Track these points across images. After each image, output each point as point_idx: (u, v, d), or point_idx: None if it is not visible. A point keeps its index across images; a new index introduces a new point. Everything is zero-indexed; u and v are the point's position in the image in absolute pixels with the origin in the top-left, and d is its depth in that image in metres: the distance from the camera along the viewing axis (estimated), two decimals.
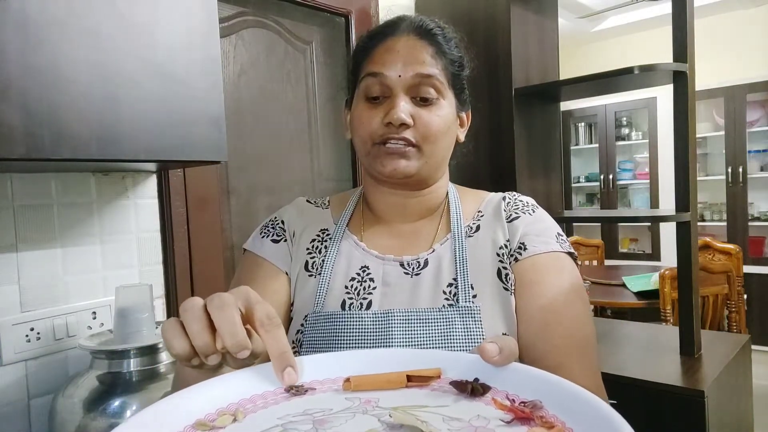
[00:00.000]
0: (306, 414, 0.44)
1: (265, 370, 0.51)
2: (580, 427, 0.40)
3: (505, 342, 0.50)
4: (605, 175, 4.85)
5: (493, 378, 0.48)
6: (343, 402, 0.47)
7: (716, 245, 3.10)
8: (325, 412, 0.45)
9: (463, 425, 0.42)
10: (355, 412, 0.45)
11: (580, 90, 1.84)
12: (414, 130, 0.74)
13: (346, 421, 0.43)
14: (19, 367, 1.05)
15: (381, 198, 0.83)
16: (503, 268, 0.76)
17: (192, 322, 0.48)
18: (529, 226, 0.79)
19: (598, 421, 0.38)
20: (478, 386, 0.47)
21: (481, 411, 0.44)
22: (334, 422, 0.43)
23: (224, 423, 0.43)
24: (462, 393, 0.47)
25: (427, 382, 0.50)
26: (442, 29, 0.79)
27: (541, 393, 0.44)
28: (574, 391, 0.43)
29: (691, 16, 1.49)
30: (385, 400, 0.47)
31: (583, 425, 0.40)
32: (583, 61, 4.78)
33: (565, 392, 0.44)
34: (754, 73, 4.15)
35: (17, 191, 1.05)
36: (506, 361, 0.50)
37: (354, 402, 0.47)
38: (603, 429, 0.37)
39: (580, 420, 0.40)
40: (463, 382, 0.48)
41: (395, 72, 0.74)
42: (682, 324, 1.53)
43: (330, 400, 0.47)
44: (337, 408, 0.45)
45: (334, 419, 0.43)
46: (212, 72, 0.96)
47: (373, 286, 0.76)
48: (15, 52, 0.73)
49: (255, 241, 0.83)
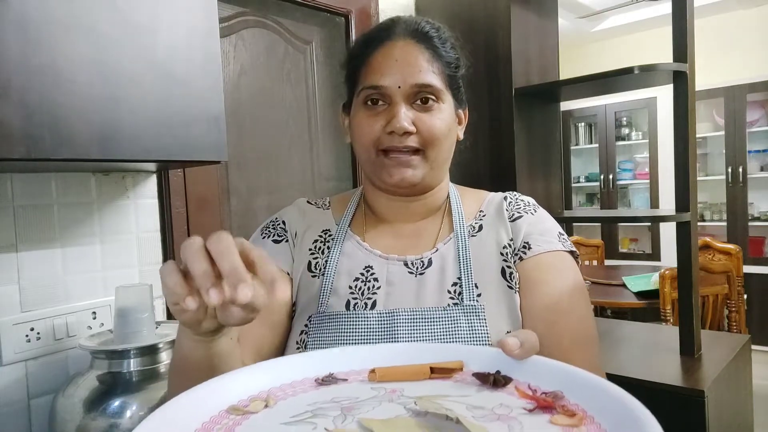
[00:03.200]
0: (334, 402, 0.46)
1: (293, 361, 0.53)
2: (601, 415, 0.40)
3: (526, 336, 0.51)
4: (605, 175, 4.85)
5: (514, 370, 0.50)
6: (369, 391, 0.48)
7: (716, 245, 3.10)
8: (352, 400, 0.46)
9: (487, 413, 0.43)
10: (381, 400, 0.46)
11: (580, 90, 1.84)
12: (417, 136, 0.75)
13: (373, 408, 0.44)
14: (19, 367, 1.05)
15: (381, 201, 0.84)
16: (507, 266, 0.77)
17: (190, 253, 0.47)
18: (532, 226, 0.79)
19: (619, 409, 0.39)
20: (500, 378, 0.48)
21: (503, 400, 0.45)
22: (362, 409, 0.44)
23: (257, 408, 0.45)
24: (484, 384, 0.49)
25: (449, 374, 0.52)
26: (438, 31, 0.80)
27: (562, 384, 0.46)
28: (594, 381, 0.44)
29: (691, 16, 1.49)
30: (409, 390, 0.48)
31: (604, 413, 0.40)
32: (583, 61, 4.78)
33: (585, 382, 0.45)
34: (754, 73, 4.14)
35: (17, 191, 1.05)
36: (527, 355, 0.51)
37: (380, 391, 0.48)
38: (624, 417, 0.38)
39: (601, 408, 0.41)
40: (486, 373, 0.49)
41: (394, 83, 0.75)
42: (682, 324, 1.53)
43: (356, 389, 0.49)
44: (364, 396, 0.47)
45: (362, 406, 0.45)
46: (212, 72, 0.96)
47: (377, 286, 0.77)
48: (15, 51, 0.73)
49: (255, 242, 0.83)
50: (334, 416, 0.43)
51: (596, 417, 0.41)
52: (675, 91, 1.52)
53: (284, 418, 0.43)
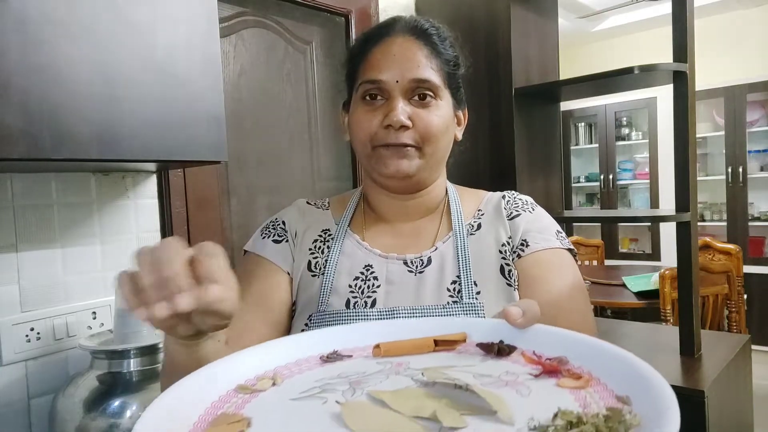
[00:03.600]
0: (341, 377, 0.46)
1: (298, 340, 0.54)
2: (607, 376, 0.41)
3: (527, 305, 0.52)
4: (605, 175, 4.84)
5: (517, 339, 0.50)
6: (375, 366, 0.49)
7: (716, 245, 3.10)
8: (359, 375, 0.47)
9: (494, 380, 0.43)
10: (388, 374, 0.47)
11: (580, 90, 1.84)
12: (413, 131, 0.75)
13: (381, 381, 0.45)
14: (19, 367, 1.05)
15: (381, 199, 0.84)
16: (506, 264, 0.77)
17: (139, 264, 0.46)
18: (530, 224, 0.80)
19: (624, 369, 0.40)
20: (504, 347, 0.49)
21: (509, 368, 0.46)
22: (370, 382, 0.45)
23: (264, 386, 0.45)
24: (489, 354, 0.49)
25: (453, 346, 0.52)
26: (437, 29, 0.80)
27: (565, 350, 0.46)
28: (597, 345, 0.45)
29: (691, 16, 1.49)
30: (415, 363, 0.49)
31: (609, 374, 0.41)
32: (583, 61, 4.78)
33: (588, 347, 0.45)
34: (754, 73, 4.14)
35: (17, 191, 1.05)
36: (530, 323, 0.51)
37: (386, 365, 0.49)
38: (629, 376, 0.39)
39: (606, 370, 0.42)
40: (490, 343, 0.50)
41: (392, 77, 0.75)
42: (682, 324, 1.53)
43: (362, 364, 0.49)
44: (371, 371, 0.47)
45: (369, 380, 0.45)
46: (212, 72, 0.96)
47: (377, 285, 0.77)
48: (15, 51, 0.73)
49: (256, 242, 0.83)
50: (343, 390, 0.43)
51: (602, 378, 0.41)
52: (675, 91, 1.52)
53: (293, 394, 0.44)
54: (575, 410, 0.36)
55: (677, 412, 0.32)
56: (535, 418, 0.36)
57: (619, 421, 0.34)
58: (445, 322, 0.56)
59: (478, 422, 0.37)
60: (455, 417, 0.37)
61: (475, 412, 0.38)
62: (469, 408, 0.38)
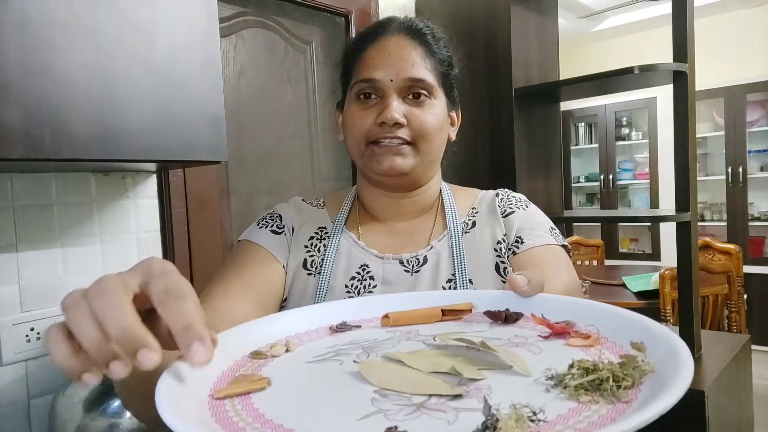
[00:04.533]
0: (353, 343, 0.47)
1: (309, 312, 0.54)
2: (615, 335, 0.42)
3: (532, 274, 0.52)
4: (605, 175, 4.85)
5: (523, 307, 0.51)
6: (385, 334, 0.50)
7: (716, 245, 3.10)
8: (371, 341, 0.47)
9: (504, 342, 0.44)
10: (399, 339, 0.48)
11: (580, 90, 1.84)
12: (408, 129, 0.75)
13: (393, 346, 0.46)
14: (19, 367, 1.05)
15: (375, 198, 0.84)
16: (501, 262, 0.78)
17: (71, 316, 0.35)
18: (525, 221, 0.80)
19: (631, 325, 0.41)
20: (512, 314, 0.50)
21: (518, 332, 0.47)
22: (382, 347, 0.45)
23: (278, 352, 0.46)
24: (496, 321, 0.50)
25: (460, 315, 0.54)
26: (431, 29, 0.80)
27: (571, 314, 0.47)
28: (602, 307, 0.46)
29: (691, 16, 1.49)
30: (424, 330, 0.50)
31: (617, 333, 0.42)
32: (583, 61, 4.78)
33: (593, 310, 0.47)
34: (754, 73, 4.14)
35: (17, 191, 1.05)
36: (534, 292, 0.52)
37: (395, 333, 0.50)
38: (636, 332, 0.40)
39: (613, 329, 0.43)
40: (497, 311, 0.51)
41: (387, 76, 0.75)
42: (682, 324, 1.53)
43: (372, 333, 0.50)
44: (381, 338, 0.48)
45: (382, 345, 0.46)
46: (212, 72, 0.96)
47: (373, 285, 0.77)
48: (15, 52, 0.73)
49: (252, 231, 0.83)
50: (357, 353, 0.44)
51: (610, 337, 0.42)
52: (675, 91, 1.52)
53: (308, 358, 0.44)
54: (590, 359, 0.37)
55: (691, 360, 0.33)
56: (552, 368, 0.37)
57: (633, 367, 0.35)
58: (451, 294, 0.57)
59: (495, 375, 0.38)
60: (473, 371, 0.38)
61: (493, 367, 0.39)
62: (486, 364, 0.39)
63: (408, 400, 0.35)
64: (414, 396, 0.35)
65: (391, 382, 0.37)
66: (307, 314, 0.54)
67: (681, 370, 0.32)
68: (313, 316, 0.54)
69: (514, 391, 0.35)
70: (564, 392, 0.34)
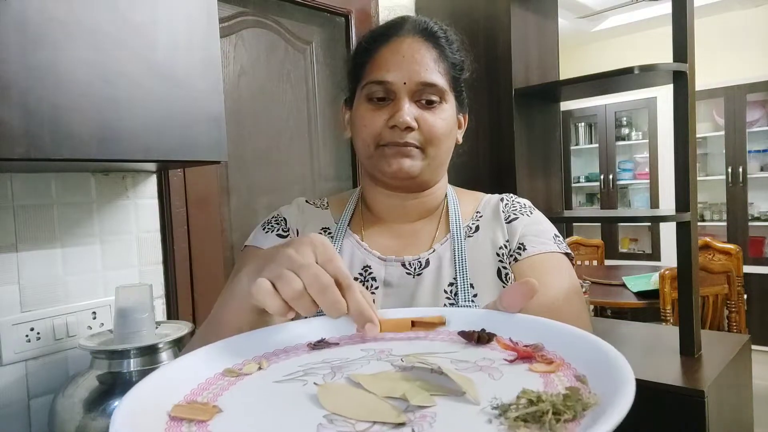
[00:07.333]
0: (325, 362, 0.48)
1: (284, 328, 0.56)
2: (577, 361, 0.43)
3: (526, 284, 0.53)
4: (605, 175, 4.85)
5: (498, 328, 0.52)
6: (359, 353, 0.51)
7: (716, 245, 3.10)
8: (342, 360, 0.49)
9: (470, 365, 0.45)
10: (370, 359, 0.49)
11: (580, 90, 1.84)
12: (418, 133, 0.75)
13: (362, 366, 0.47)
14: (19, 367, 1.05)
15: (380, 199, 0.83)
16: (503, 267, 0.77)
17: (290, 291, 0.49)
18: (528, 227, 0.80)
19: (595, 356, 0.41)
20: (485, 335, 0.51)
21: (486, 355, 0.48)
22: (351, 367, 0.47)
23: (251, 370, 0.47)
24: (470, 342, 0.51)
25: (431, 328, 0.55)
26: (445, 32, 0.80)
27: (543, 337, 0.48)
28: (572, 332, 0.47)
29: (691, 16, 1.49)
30: (398, 349, 0.51)
31: (579, 359, 0.43)
32: (583, 61, 4.78)
33: (564, 334, 0.47)
34: (754, 73, 4.14)
35: (17, 191, 1.05)
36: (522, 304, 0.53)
37: (369, 352, 0.51)
38: (600, 362, 0.40)
39: (577, 355, 0.43)
40: (471, 331, 0.52)
41: (400, 79, 0.74)
42: (682, 324, 1.53)
43: (347, 351, 0.52)
44: (354, 357, 0.49)
45: (351, 365, 0.47)
46: (212, 72, 0.96)
47: (375, 286, 0.77)
48: (15, 52, 0.73)
49: (257, 236, 0.83)
50: (324, 374, 0.45)
51: (573, 363, 0.43)
52: (675, 91, 1.52)
53: (277, 377, 0.46)
54: (536, 390, 0.37)
55: (632, 388, 0.33)
56: (498, 397, 0.37)
57: (576, 400, 0.35)
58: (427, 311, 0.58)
59: (445, 402, 0.38)
60: (424, 397, 0.39)
61: (446, 393, 0.39)
62: (441, 389, 0.40)
63: (353, 427, 0.35)
64: (359, 423, 0.36)
65: (343, 408, 0.38)
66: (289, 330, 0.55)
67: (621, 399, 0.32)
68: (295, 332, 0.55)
69: (458, 420, 0.36)
70: (505, 423, 0.34)
